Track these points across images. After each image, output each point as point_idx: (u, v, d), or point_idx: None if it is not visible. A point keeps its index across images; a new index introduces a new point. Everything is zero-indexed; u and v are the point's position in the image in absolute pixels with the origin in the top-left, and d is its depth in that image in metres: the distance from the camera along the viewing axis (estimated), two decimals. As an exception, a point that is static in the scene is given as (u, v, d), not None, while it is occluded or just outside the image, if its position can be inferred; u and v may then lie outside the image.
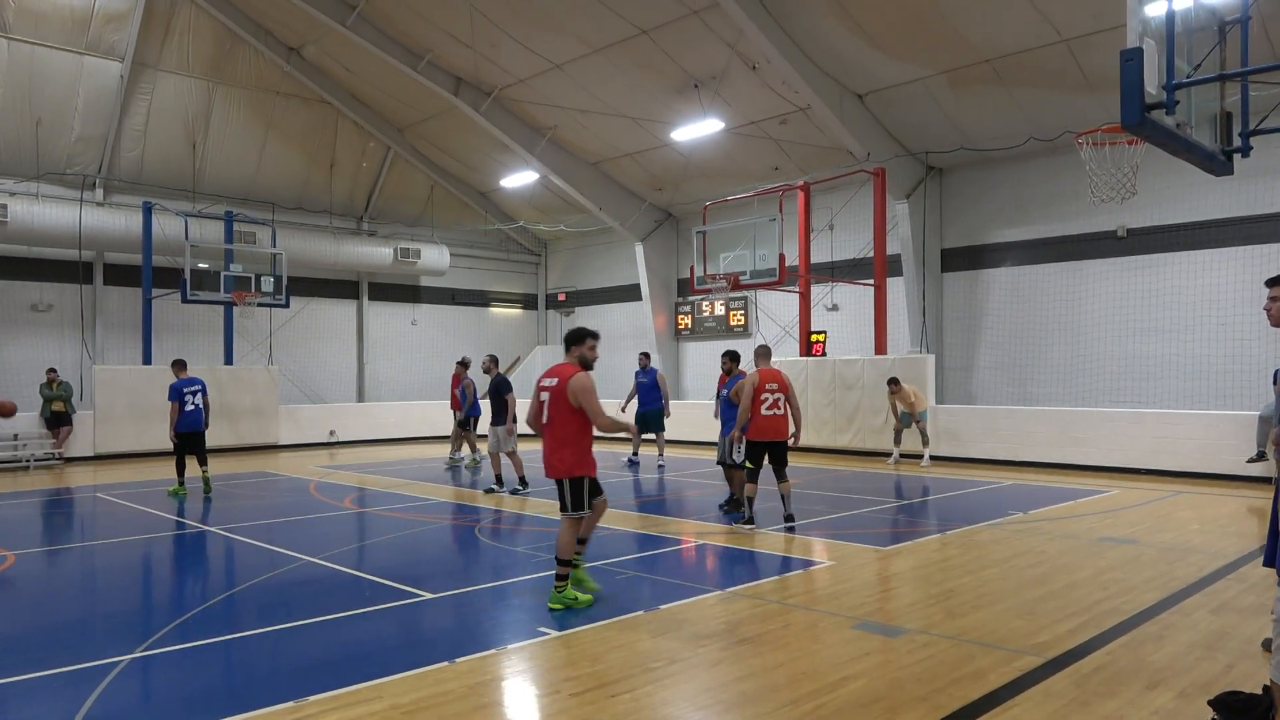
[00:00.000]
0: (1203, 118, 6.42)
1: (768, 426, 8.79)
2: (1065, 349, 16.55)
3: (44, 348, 18.71)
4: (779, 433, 8.88)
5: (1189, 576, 6.80)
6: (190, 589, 7.14)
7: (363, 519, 10.41)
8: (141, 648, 5.22)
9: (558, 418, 6.06)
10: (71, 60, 17.63)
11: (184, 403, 11.63)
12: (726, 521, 9.43)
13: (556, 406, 6.05)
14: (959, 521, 9.44)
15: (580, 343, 6.26)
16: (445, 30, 17.59)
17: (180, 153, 20.12)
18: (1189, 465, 13.13)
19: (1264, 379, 13.66)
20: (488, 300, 26.75)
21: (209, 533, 9.39)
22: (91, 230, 18.54)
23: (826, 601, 6.18)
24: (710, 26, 15.58)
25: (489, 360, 12.59)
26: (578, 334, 6.30)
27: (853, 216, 19.22)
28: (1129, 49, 5.43)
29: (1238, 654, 4.93)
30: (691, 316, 23.35)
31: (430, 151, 23.40)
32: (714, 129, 18.15)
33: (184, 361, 12.36)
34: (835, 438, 17.01)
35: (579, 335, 6.29)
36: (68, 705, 4.31)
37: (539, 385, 6.26)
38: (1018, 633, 5.39)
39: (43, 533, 9.98)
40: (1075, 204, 15.96)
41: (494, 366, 12.51)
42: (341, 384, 23.56)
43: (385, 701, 4.31)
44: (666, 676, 4.68)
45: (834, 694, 4.38)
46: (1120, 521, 9.37)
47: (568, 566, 6.07)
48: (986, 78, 15.08)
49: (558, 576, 6.04)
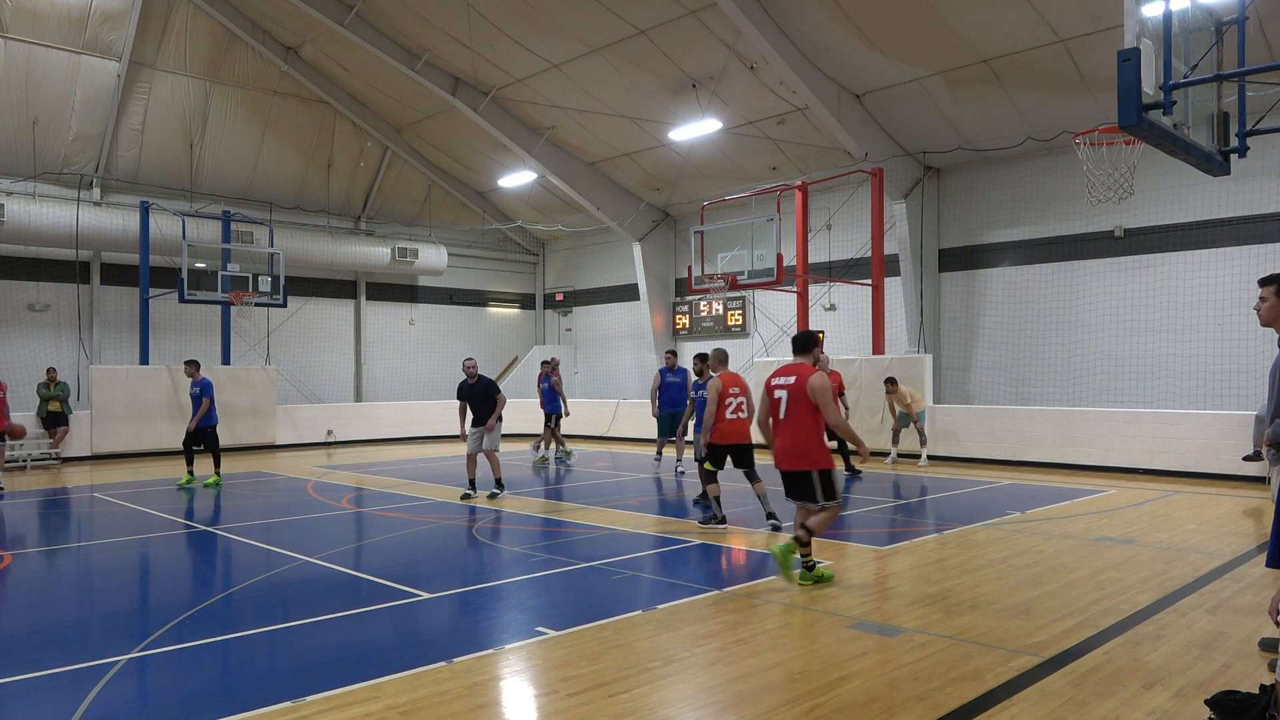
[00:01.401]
0: (1200, 118, 6.44)
1: (731, 430, 8.99)
2: (1062, 349, 16.57)
3: (41, 347, 18.68)
4: (742, 436, 9.06)
5: (1186, 576, 6.81)
6: (187, 589, 7.12)
7: (360, 519, 10.41)
8: (139, 648, 5.22)
9: (797, 414, 6.50)
10: (68, 59, 17.61)
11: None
12: (699, 518, 9.48)
13: (796, 404, 6.49)
14: (956, 521, 9.45)
15: (816, 345, 6.91)
16: (443, 30, 17.58)
17: (177, 152, 20.11)
18: (1186, 465, 13.15)
19: (1260, 378, 13.68)
20: (485, 300, 26.74)
21: (206, 532, 9.38)
22: (88, 230, 18.52)
23: (823, 601, 6.19)
24: (708, 27, 15.58)
25: (471, 363, 12.10)
26: (810, 337, 6.89)
27: (850, 216, 19.24)
28: (1126, 49, 5.44)
29: (1234, 653, 4.94)
30: (689, 316, 23.35)
31: (428, 151, 23.39)
32: (712, 129, 18.16)
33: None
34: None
35: (812, 339, 6.89)
36: (65, 706, 4.30)
37: (770, 385, 6.62)
38: (1015, 632, 5.39)
39: (39, 533, 9.96)
40: (1072, 204, 15.98)
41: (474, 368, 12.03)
42: (339, 384, 23.54)
43: (383, 702, 4.31)
44: (664, 676, 4.68)
45: (831, 694, 4.38)
46: (1117, 521, 9.38)
47: (808, 534, 6.50)
48: (984, 78, 15.09)
49: (804, 556, 6.52)
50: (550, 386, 16.13)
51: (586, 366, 26.21)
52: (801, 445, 6.50)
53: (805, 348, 6.81)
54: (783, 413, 6.54)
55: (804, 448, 6.49)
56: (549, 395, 16.18)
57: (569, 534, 9.12)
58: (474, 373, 11.55)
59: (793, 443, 6.53)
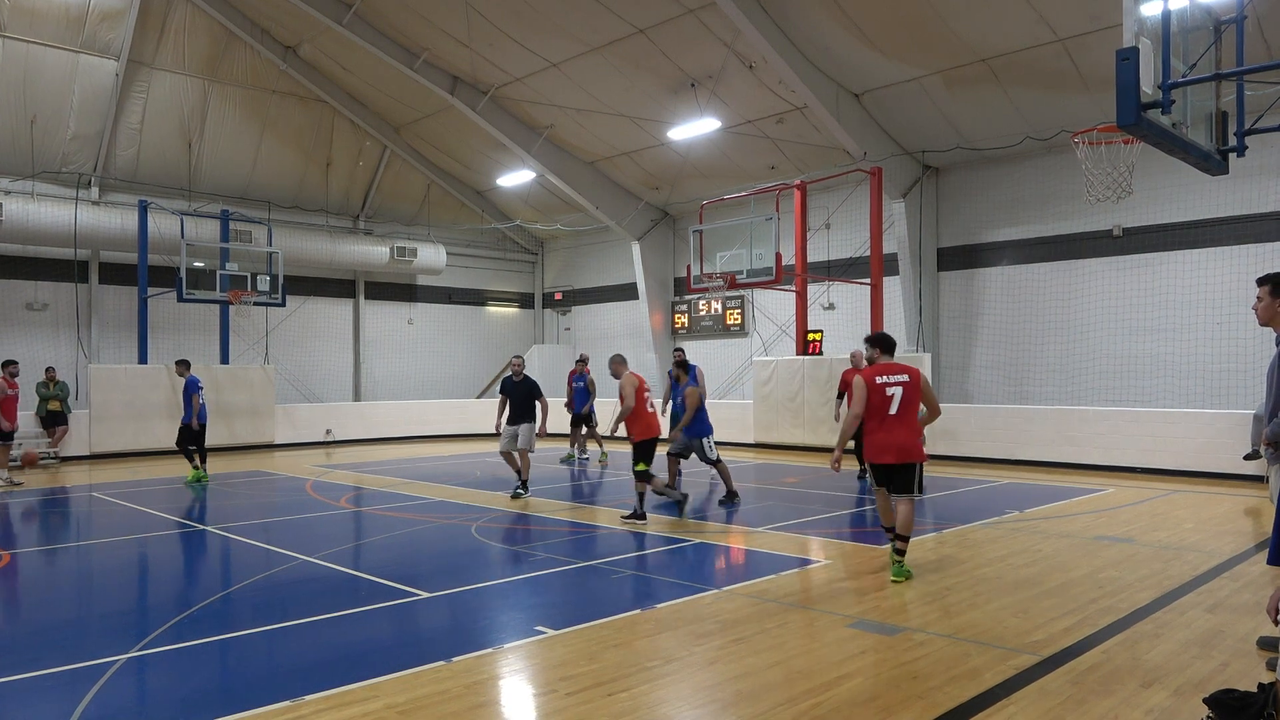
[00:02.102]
0: (1198, 117, 6.44)
1: (653, 424, 9.60)
2: (1061, 348, 16.58)
3: (39, 347, 18.67)
4: (659, 430, 9.77)
5: (1184, 575, 6.82)
6: (186, 588, 7.12)
7: (359, 518, 10.40)
8: (137, 647, 5.21)
9: (909, 410, 6.89)
10: (67, 58, 17.59)
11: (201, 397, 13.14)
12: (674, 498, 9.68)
13: (910, 399, 6.89)
14: (955, 520, 9.45)
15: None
16: (442, 29, 17.57)
17: (176, 151, 20.09)
18: (1184, 464, 13.16)
19: (1258, 377, 13.68)
20: (484, 299, 26.73)
21: (205, 532, 9.37)
22: (87, 229, 18.50)
23: (823, 600, 6.19)
24: (707, 26, 15.58)
25: (520, 361, 12.11)
26: (893, 339, 7.42)
27: (849, 215, 19.24)
28: (1125, 48, 5.44)
29: (1233, 652, 4.95)
30: (688, 315, 23.35)
31: (427, 150, 23.38)
32: (711, 128, 18.15)
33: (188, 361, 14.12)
34: (831, 437, 17.02)
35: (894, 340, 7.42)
36: (63, 705, 4.30)
37: (880, 381, 6.91)
38: (1013, 631, 5.40)
39: (38, 532, 9.95)
40: (1071, 203, 15.98)
41: (520, 369, 11.96)
42: (338, 383, 23.52)
43: (381, 701, 4.31)
44: (663, 675, 4.69)
45: (830, 692, 4.38)
46: (1116, 520, 9.39)
47: (906, 542, 6.89)
48: (983, 77, 15.10)
49: (900, 551, 6.84)
50: (585, 385, 15.58)
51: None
52: (914, 439, 6.91)
53: (894, 348, 7.30)
54: (894, 409, 6.87)
55: (915, 442, 6.92)
56: (581, 394, 15.56)
57: (567, 533, 9.12)
58: (520, 371, 11.64)
59: (907, 437, 6.87)
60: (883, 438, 6.90)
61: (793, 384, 17.76)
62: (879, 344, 7.28)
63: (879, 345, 7.27)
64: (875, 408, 6.88)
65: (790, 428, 17.80)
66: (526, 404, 11.40)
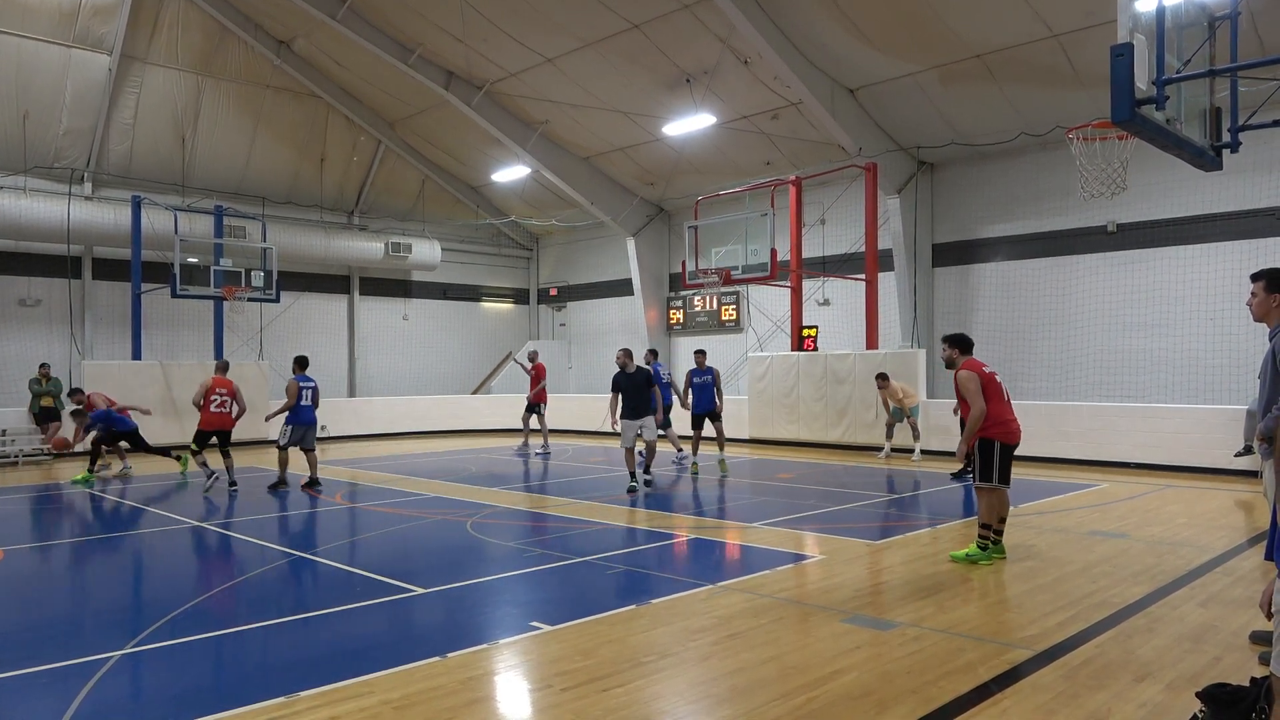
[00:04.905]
0: (1192, 113, 6.45)
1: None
2: (1055, 343, 16.62)
3: (32, 343, 18.61)
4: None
5: (1177, 570, 6.84)
6: (180, 584, 7.10)
7: (354, 514, 10.39)
8: (132, 644, 5.20)
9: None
10: (59, 53, 17.50)
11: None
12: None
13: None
14: (949, 515, 9.48)
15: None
16: (436, 24, 17.51)
17: (169, 146, 20.01)
18: (1178, 459, 13.21)
19: (1252, 373, 13.72)
20: (479, 295, 26.69)
21: (199, 528, 9.36)
22: (80, 224, 18.41)
23: (817, 595, 6.20)
24: (702, 21, 15.56)
25: (625, 353, 11.56)
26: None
27: (844, 211, 19.25)
28: (1119, 44, 5.45)
29: (1225, 646, 4.97)
30: (683, 311, 23.35)
31: (421, 146, 23.32)
32: (706, 124, 18.14)
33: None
34: (826, 432, 17.07)
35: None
36: (57, 702, 4.29)
37: (989, 372, 7.14)
38: (1007, 626, 5.42)
39: (31, 528, 9.92)
40: (1066, 199, 16.01)
41: (629, 360, 11.46)
42: (332, 379, 23.46)
43: (376, 697, 4.30)
44: (658, 671, 4.69)
45: (825, 687, 4.39)
46: (1109, 515, 9.42)
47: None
48: (978, 73, 15.10)
49: (998, 533, 7.22)
50: (666, 381, 14.09)
51: (580, 362, 26.20)
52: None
53: (972, 347, 7.46)
54: (1006, 395, 7.13)
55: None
56: (705, 389, 13.62)
57: (562, 529, 9.12)
58: (627, 362, 11.20)
59: (1014, 419, 7.17)
60: (1013, 420, 7.17)
61: (788, 380, 17.78)
62: (959, 344, 7.39)
63: (959, 345, 7.38)
64: (993, 395, 7.03)
65: (785, 423, 17.82)
66: (645, 394, 11.03)
